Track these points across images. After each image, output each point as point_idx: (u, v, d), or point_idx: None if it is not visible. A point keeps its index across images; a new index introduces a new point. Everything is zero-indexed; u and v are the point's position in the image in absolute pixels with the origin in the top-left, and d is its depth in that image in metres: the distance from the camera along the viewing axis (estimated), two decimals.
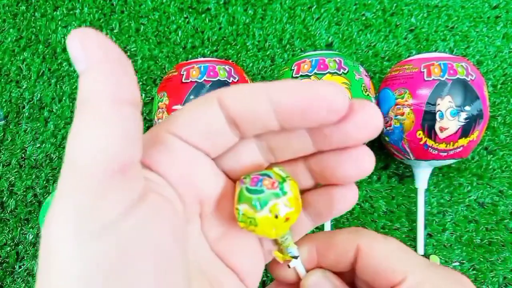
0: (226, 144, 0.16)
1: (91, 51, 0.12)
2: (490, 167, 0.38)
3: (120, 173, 0.12)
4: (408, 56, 0.36)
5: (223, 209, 0.17)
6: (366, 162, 0.16)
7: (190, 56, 0.41)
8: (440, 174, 0.38)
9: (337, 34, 0.41)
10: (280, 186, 0.16)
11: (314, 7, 0.42)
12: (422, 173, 0.34)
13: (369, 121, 0.15)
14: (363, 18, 0.42)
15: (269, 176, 0.16)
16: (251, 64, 0.41)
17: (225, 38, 0.42)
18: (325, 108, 0.14)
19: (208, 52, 0.41)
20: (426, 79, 0.31)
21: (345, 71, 0.31)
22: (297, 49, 0.41)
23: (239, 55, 0.41)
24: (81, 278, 0.11)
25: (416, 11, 0.42)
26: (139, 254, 0.12)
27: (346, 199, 0.17)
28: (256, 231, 0.16)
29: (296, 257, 0.19)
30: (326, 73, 0.31)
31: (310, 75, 0.31)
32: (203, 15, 0.42)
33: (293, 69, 0.32)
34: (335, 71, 0.31)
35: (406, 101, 0.32)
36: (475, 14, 0.41)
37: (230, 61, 0.40)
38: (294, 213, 0.16)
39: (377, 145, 0.38)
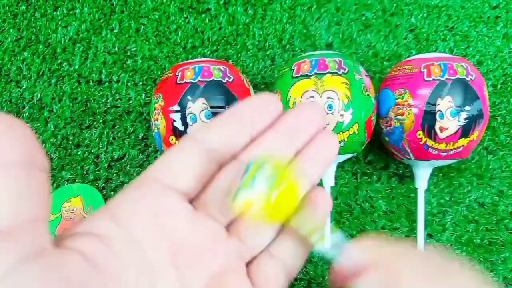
0: (207, 172, 0.19)
1: None
2: (490, 167, 0.38)
3: (1, 236, 0.13)
4: (408, 56, 0.36)
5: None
6: (334, 138, 0.21)
7: (190, 56, 0.41)
8: (440, 174, 0.38)
9: (337, 34, 0.41)
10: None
11: (314, 7, 0.42)
12: (422, 173, 0.34)
13: (308, 113, 0.21)
14: (363, 18, 0.42)
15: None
16: (251, 64, 0.41)
17: (225, 38, 0.42)
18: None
19: (208, 52, 0.41)
20: (426, 79, 0.31)
21: (345, 71, 0.31)
22: (297, 49, 0.41)
23: (239, 55, 0.41)
24: None
25: (416, 11, 0.42)
26: None
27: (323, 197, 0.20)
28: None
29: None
30: (326, 73, 0.31)
31: (310, 75, 0.31)
32: (203, 15, 0.42)
33: (293, 69, 0.32)
34: (335, 71, 0.31)
35: (406, 101, 0.32)
36: (475, 14, 0.41)
37: (230, 61, 0.40)
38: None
39: (377, 145, 0.38)
